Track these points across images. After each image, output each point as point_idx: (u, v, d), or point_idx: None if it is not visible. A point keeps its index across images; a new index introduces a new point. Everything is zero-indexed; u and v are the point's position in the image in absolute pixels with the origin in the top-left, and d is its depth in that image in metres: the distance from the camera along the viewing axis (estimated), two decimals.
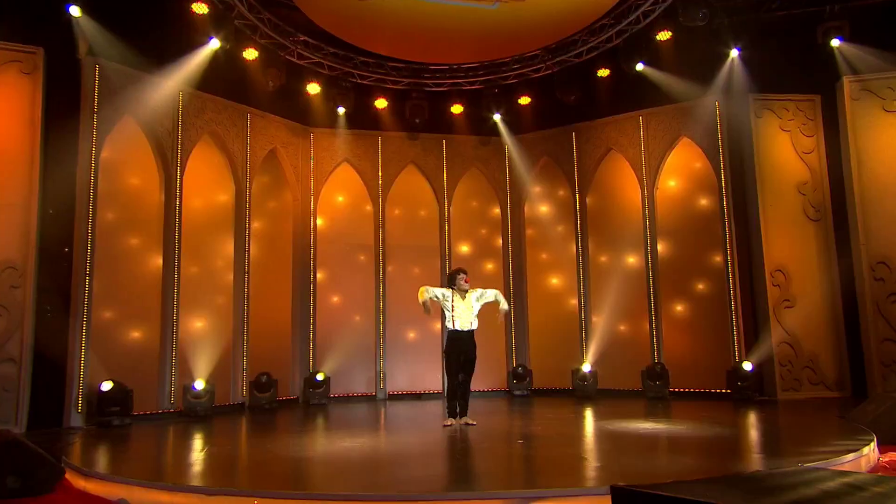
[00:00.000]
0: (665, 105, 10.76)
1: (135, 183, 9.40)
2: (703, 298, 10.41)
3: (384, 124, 11.73)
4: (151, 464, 6.01)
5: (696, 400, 9.84)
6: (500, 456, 5.85)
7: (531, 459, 5.62)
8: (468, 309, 7.33)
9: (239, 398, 9.98)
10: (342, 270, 11.55)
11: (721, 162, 10.30)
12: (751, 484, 3.82)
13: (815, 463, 4.70)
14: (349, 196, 11.81)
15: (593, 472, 4.87)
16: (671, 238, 10.80)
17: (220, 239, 10.24)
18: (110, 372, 8.43)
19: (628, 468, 4.88)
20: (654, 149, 10.94)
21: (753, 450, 5.99)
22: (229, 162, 10.32)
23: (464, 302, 7.32)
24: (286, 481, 4.90)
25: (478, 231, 12.34)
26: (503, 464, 5.54)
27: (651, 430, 7.04)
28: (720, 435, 6.60)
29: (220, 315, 10.03)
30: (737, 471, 4.65)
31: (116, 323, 8.90)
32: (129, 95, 8.99)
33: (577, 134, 11.70)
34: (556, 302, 11.77)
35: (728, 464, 5.07)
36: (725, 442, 6.25)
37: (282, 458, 5.85)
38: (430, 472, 5.14)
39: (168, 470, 5.70)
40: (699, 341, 10.29)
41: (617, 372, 10.79)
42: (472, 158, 12.24)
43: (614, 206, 11.42)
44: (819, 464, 4.68)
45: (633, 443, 6.22)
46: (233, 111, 10.36)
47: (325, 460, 5.74)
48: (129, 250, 9.19)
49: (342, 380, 11.07)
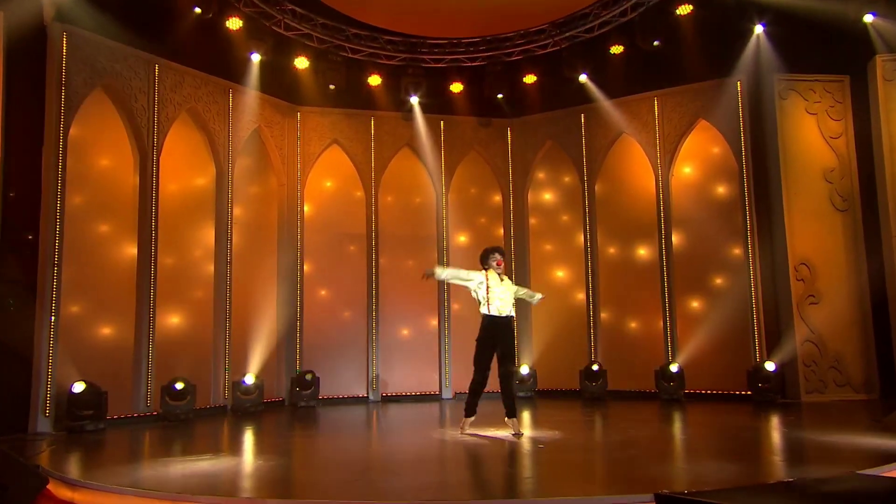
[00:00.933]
0: (682, 85, 10.62)
1: (107, 164, 9.08)
2: (721, 294, 10.28)
3: (377, 103, 11.47)
4: (141, 472, 5.75)
5: (714, 402, 9.75)
6: (506, 461, 5.71)
7: (546, 466, 5.51)
8: (507, 291, 6.99)
9: (221, 400, 9.73)
10: (331, 262, 11.33)
11: (742, 147, 10.16)
12: (797, 491, 3.70)
13: (865, 470, 4.58)
14: (339, 181, 11.56)
15: (606, 477, 4.77)
16: (687, 228, 10.67)
17: (199, 226, 9.96)
18: (81, 372, 8.13)
19: (643, 475, 4.80)
20: (669, 132, 10.79)
21: (786, 455, 5.90)
22: (209, 142, 10.01)
23: (503, 284, 6.99)
24: (273, 488, 4.89)
25: (477, 220, 12.14)
26: (510, 470, 5.43)
27: (666, 435, 6.93)
28: (745, 439, 6.51)
29: (200, 310, 9.78)
30: (774, 478, 4.57)
31: (87, 318, 8.61)
32: (100, 67, 8.65)
33: (586, 116, 11.51)
34: (563, 297, 11.61)
35: (762, 470, 4.99)
36: (752, 447, 6.18)
37: (269, 464, 5.78)
38: (426, 481, 5.05)
39: (164, 478, 5.45)
40: (717, 340, 10.15)
41: (628, 372, 10.67)
42: (472, 141, 12.03)
43: (625, 193, 11.27)
44: (870, 471, 4.57)
45: (647, 448, 6.14)
46: (214, 86, 10.04)
47: (312, 466, 5.71)
48: (100, 238, 8.89)
49: (332, 380, 10.85)
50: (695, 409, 9.21)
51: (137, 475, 5.38)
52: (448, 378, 11.37)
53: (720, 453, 5.94)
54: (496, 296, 6.88)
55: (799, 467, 5.15)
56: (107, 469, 5.85)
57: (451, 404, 10.63)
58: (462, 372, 11.21)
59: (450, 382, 11.37)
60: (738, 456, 5.71)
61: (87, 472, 5.68)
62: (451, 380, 11.36)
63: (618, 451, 6.12)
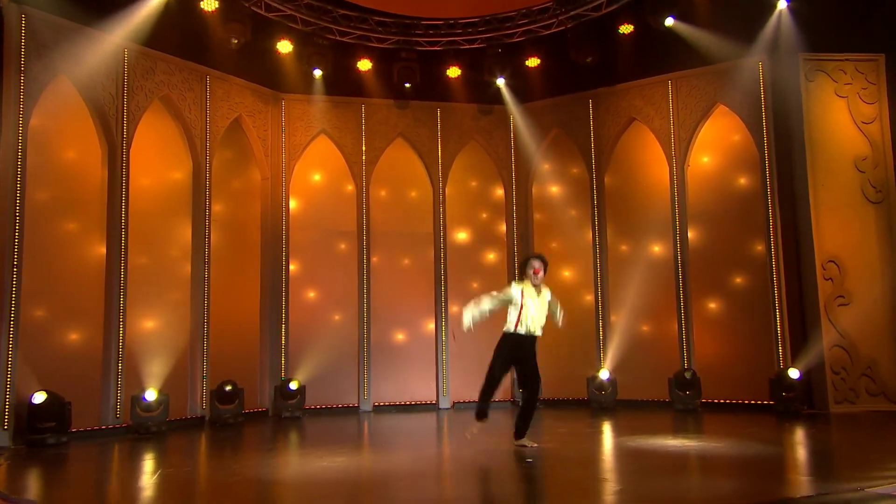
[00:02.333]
0: (699, 67, 10.45)
1: (72, 157, 9.05)
2: (741, 294, 10.15)
3: (368, 90, 11.38)
4: (111, 490, 5.68)
5: (733, 413, 9.62)
6: (504, 477, 5.67)
7: (541, 481, 5.42)
8: (542, 308, 6.67)
9: (198, 411, 9.67)
10: (320, 261, 11.28)
11: (764, 134, 9.97)
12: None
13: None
14: (327, 174, 11.50)
15: (613, 496, 4.70)
16: (704, 224, 10.53)
17: (175, 224, 9.92)
18: (43, 381, 8.05)
19: (655, 492, 4.73)
20: (685, 119, 10.64)
21: (807, 472, 5.79)
22: (185, 133, 9.95)
23: (539, 298, 6.67)
24: None
25: (478, 215, 12.07)
26: (507, 487, 5.38)
27: (680, 448, 6.87)
28: (765, 454, 6.38)
29: (175, 314, 9.71)
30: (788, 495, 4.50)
31: (51, 323, 8.55)
32: (63, 52, 8.54)
33: (595, 102, 11.38)
34: (570, 298, 11.23)
35: (782, 488, 4.89)
36: (773, 463, 6.03)
37: (248, 480, 5.76)
38: (421, 497, 5.00)
39: (135, 497, 5.38)
40: (736, 344, 10.05)
41: (640, 380, 10.55)
42: (472, 130, 11.93)
43: (637, 186, 11.15)
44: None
45: (659, 463, 6.07)
46: (189, 73, 9.95)
47: (297, 483, 5.68)
48: (65, 237, 8.85)
49: (319, 389, 10.77)
50: (712, 420, 9.10)
51: (100, 494, 5.28)
52: (446, 386, 11.24)
53: (736, 469, 5.80)
54: (529, 313, 6.58)
55: (824, 485, 4.98)
56: (67, 488, 5.81)
57: (448, 415, 10.53)
58: (461, 380, 11.11)
59: (448, 391, 11.25)
60: (755, 472, 5.57)
61: (41, 490, 5.61)
62: (450, 388, 11.24)
63: (625, 466, 6.02)
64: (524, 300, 6.59)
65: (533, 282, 6.69)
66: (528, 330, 6.59)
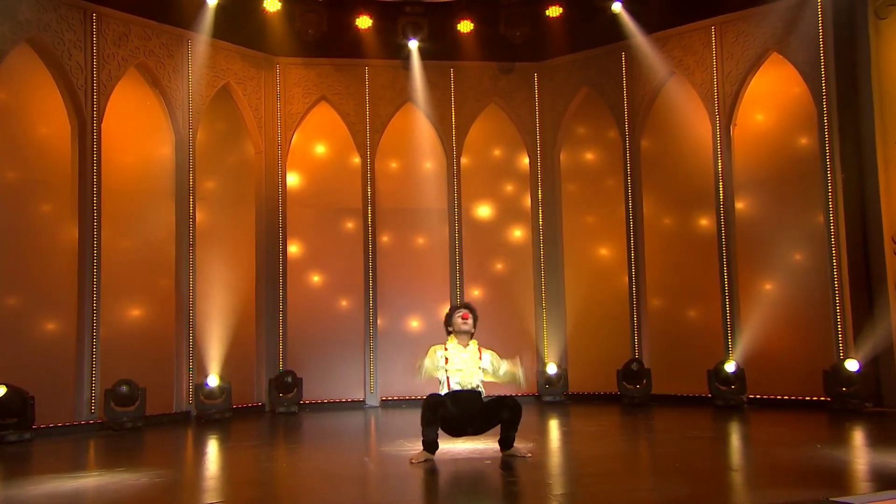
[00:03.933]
0: (747, 9, 9.94)
1: (42, 133, 9.09)
2: (795, 274, 9.65)
3: (371, 50, 11.10)
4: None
5: (783, 410, 9.28)
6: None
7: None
8: (470, 362, 6.11)
9: (183, 406, 9.72)
10: (322, 242, 11.22)
11: (823, 84, 9.35)
12: None
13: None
14: (329, 145, 11.42)
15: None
16: (754, 193, 10.14)
17: (156, 204, 9.93)
18: (9, 374, 8.11)
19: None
20: (731, 70, 10.12)
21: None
22: (165, 103, 9.91)
23: (466, 352, 6.17)
24: None
25: (500, 188, 11.82)
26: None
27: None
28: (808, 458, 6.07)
29: (157, 301, 9.78)
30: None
31: (19, 312, 8.64)
32: (23, 18, 8.51)
33: (628, 54, 10.89)
34: (602, 280, 11.26)
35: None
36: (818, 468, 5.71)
37: (236, 482, 5.89)
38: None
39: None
40: (789, 332, 9.62)
41: (677, 372, 10.27)
42: (490, 92, 11.59)
43: (678, 150, 10.70)
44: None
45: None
46: (168, 37, 9.89)
47: (292, 485, 5.76)
48: (34, 219, 8.94)
49: (320, 382, 10.72)
50: (758, 418, 8.74)
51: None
52: None
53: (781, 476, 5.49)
54: (455, 367, 6.08)
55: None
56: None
57: None
58: None
59: None
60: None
61: None
62: None
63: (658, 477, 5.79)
64: (448, 353, 6.17)
65: (460, 329, 6.19)
66: (461, 383, 6.08)
